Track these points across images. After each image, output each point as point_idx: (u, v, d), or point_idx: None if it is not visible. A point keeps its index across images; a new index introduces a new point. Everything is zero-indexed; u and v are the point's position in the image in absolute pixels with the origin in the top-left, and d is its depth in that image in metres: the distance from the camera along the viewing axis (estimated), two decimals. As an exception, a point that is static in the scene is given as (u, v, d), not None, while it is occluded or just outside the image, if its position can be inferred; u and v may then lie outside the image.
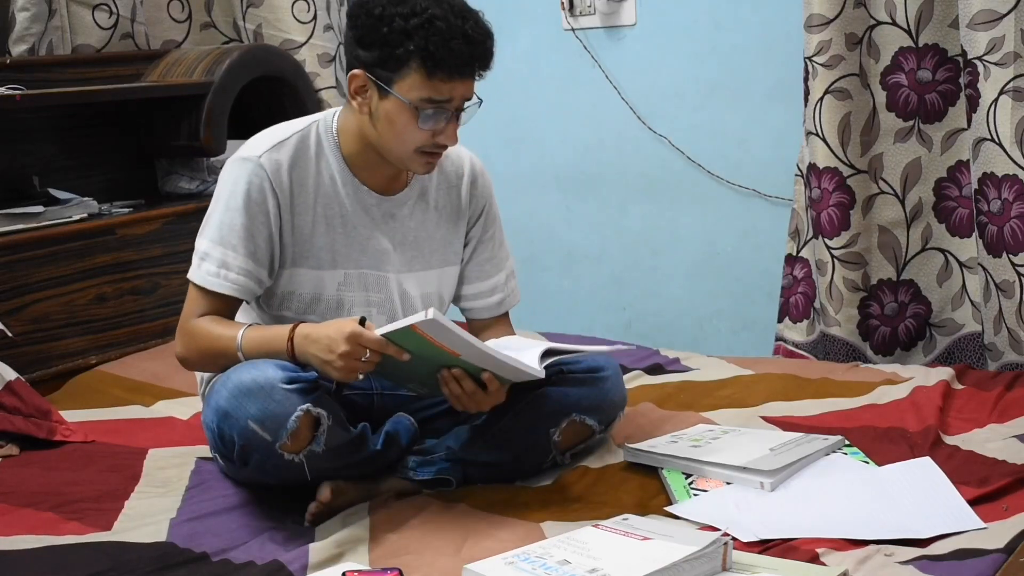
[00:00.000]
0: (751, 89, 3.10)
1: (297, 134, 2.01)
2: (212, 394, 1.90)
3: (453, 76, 1.87)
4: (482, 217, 2.17)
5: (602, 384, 2.06)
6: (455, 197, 2.13)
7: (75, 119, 3.09)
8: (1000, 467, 1.95)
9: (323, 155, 2.02)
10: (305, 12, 3.43)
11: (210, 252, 1.97)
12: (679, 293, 3.32)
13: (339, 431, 1.88)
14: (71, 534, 1.85)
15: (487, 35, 1.91)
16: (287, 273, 2.02)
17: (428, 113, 1.89)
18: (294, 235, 2.00)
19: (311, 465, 1.86)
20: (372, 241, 2.05)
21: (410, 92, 1.88)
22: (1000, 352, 2.61)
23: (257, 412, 1.82)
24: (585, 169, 3.40)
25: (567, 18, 3.30)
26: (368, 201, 2.04)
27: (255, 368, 1.85)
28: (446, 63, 1.85)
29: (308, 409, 1.82)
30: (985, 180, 2.53)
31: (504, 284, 2.20)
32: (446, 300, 2.17)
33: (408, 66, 1.86)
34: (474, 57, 1.88)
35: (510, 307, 2.22)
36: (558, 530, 1.75)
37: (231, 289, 1.97)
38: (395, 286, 2.07)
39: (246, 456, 1.87)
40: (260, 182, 1.96)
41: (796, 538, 1.72)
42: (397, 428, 2.01)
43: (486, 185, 2.17)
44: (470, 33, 1.86)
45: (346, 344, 1.80)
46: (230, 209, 1.96)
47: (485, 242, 2.18)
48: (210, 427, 1.91)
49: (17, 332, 2.61)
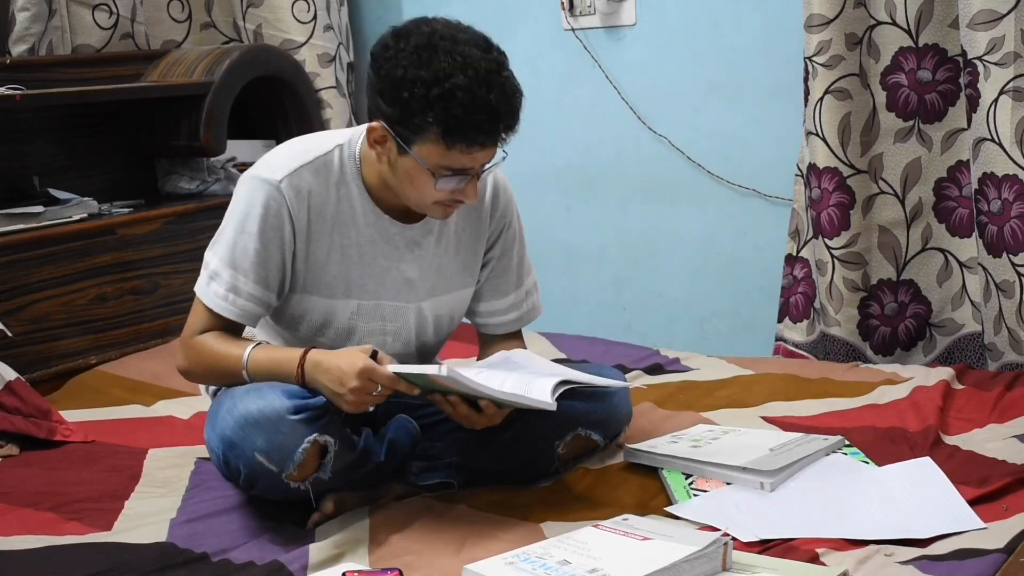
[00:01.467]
0: (751, 89, 3.10)
1: (320, 157, 1.94)
2: (217, 420, 1.87)
3: (473, 148, 1.80)
4: (502, 236, 2.11)
5: (610, 399, 2.04)
6: (475, 219, 2.07)
7: (75, 119, 3.10)
8: (1000, 467, 1.95)
9: (344, 183, 1.95)
10: (305, 12, 3.43)
11: (220, 273, 1.93)
12: (679, 293, 3.31)
13: (345, 453, 1.87)
14: (71, 534, 1.85)
15: (512, 96, 1.81)
16: (297, 298, 1.98)
17: (446, 175, 1.83)
18: (307, 263, 1.96)
19: (316, 488, 1.86)
20: (392, 272, 2.00)
21: (429, 158, 1.81)
22: (1000, 352, 2.61)
23: (264, 444, 1.80)
24: (585, 169, 3.39)
25: (567, 18, 3.30)
26: (391, 231, 1.99)
27: (261, 398, 1.82)
28: (466, 138, 1.78)
29: (315, 439, 1.81)
30: (985, 180, 2.53)
31: (522, 302, 2.15)
32: (457, 319, 2.13)
33: (427, 134, 1.79)
34: (497, 129, 1.80)
35: (526, 323, 2.18)
36: (558, 530, 1.75)
37: (238, 315, 1.93)
38: (414, 316, 2.04)
39: (251, 483, 1.87)
40: (278, 208, 1.90)
41: (796, 538, 1.72)
42: (399, 434, 1.99)
43: (508, 201, 2.11)
44: (494, 104, 1.77)
45: (357, 380, 1.78)
46: (245, 232, 1.91)
47: (503, 261, 2.12)
48: (215, 453, 1.90)
49: (17, 332, 2.61)
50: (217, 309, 1.93)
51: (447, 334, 2.14)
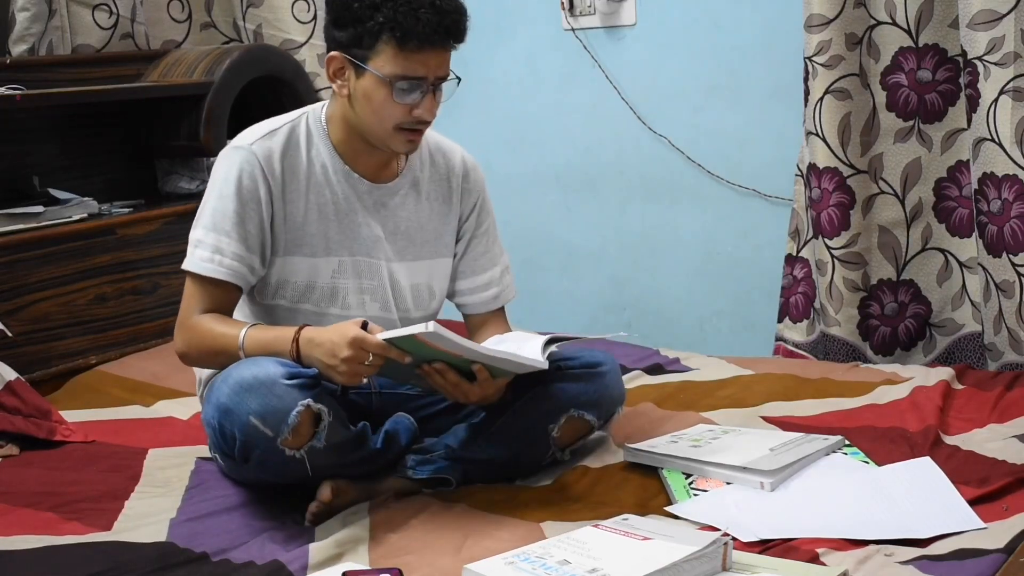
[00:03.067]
0: (751, 89, 3.10)
1: (288, 124, 2.04)
2: (212, 391, 1.91)
3: (424, 46, 1.88)
4: (475, 211, 2.18)
5: (600, 379, 2.06)
6: (446, 190, 2.14)
7: (75, 119, 3.10)
8: (1000, 467, 1.95)
9: (313, 144, 2.04)
10: (305, 12, 3.43)
11: (203, 239, 1.99)
12: (679, 293, 3.32)
13: (340, 428, 1.89)
14: (71, 534, 1.85)
15: (458, 8, 1.92)
16: (280, 261, 2.03)
17: (403, 87, 1.91)
18: (286, 223, 2.01)
19: (312, 461, 1.87)
20: (364, 228, 2.06)
21: (384, 67, 1.90)
22: (1000, 352, 2.61)
23: (258, 407, 1.82)
24: (585, 169, 3.39)
25: (567, 18, 3.30)
26: (360, 188, 2.05)
27: (256, 365, 1.85)
28: (415, 32, 1.87)
29: (309, 404, 1.82)
30: (985, 180, 2.53)
31: (499, 279, 2.20)
32: (437, 293, 2.16)
33: (379, 40, 1.88)
34: (444, 26, 1.89)
35: (506, 301, 2.23)
36: (558, 530, 1.75)
37: (225, 274, 1.97)
38: (386, 274, 2.08)
39: (247, 452, 1.87)
40: (252, 169, 1.98)
41: (796, 538, 1.72)
42: (397, 427, 2.02)
43: (478, 179, 2.18)
44: (438, 3, 1.88)
45: (349, 349, 1.81)
46: (223, 196, 1.98)
47: (479, 237, 2.18)
48: (211, 424, 1.91)
49: (17, 332, 2.61)
50: (203, 271, 1.98)
51: (432, 311, 2.17)
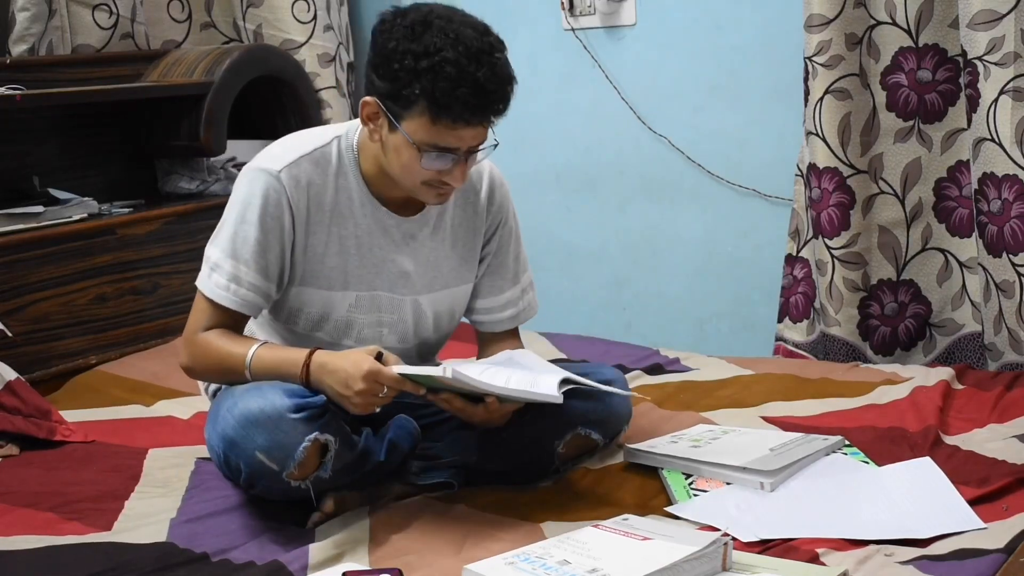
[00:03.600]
0: (751, 89, 3.10)
1: (319, 149, 1.96)
2: (218, 419, 1.87)
3: (458, 124, 1.80)
4: (498, 232, 2.12)
5: (609, 398, 2.03)
6: (471, 214, 2.08)
7: (75, 119, 3.10)
8: (1000, 467, 1.95)
9: (343, 173, 1.96)
10: (305, 12, 3.43)
11: (221, 264, 1.93)
12: (679, 293, 3.31)
13: (345, 452, 1.87)
14: (71, 534, 1.85)
15: (503, 82, 1.81)
16: (295, 291, 1.99)
17: (432, 156, 1.84)
18: (306, 254, 1.96)
19: (317, 487, 1.86)
20: (389, 264, 2.00)
21: (416, 133, 1.82)
22: (1000, 352, 2.61)
23: (265, 443, 1.80)
24: (585, 169, 3.39)
25: (567, 18, 3.30)
26: (387, 222, 1.99)
27: (262, 396, 1.82)
28: (451, 112, 1.78)
29: (315, 438, 1.81)
30: (985, 180, 2.53)
31: (519, 299, 2.15)
32: (457, 316, 2.14)
33: (415, 107, 1.80)
34: (483, 107, 1.80)
35: (523, 322, 2.18)
36: (558, 530, 1.75)
37: (240, 305, 1.93)
38: (410, 308, 2.04)
39: (252, 481, 1.87)
40: (278, 197, 1.91)
41: (796, 538, 1.72)
42: (399, 434, 1.98)
43: (504, 197, 2.12)
44: (482, 81, 1.77)
45: (363, 382, 1.79)
46: (245, 222, 1.92)
47: (500, 257, 2.13)
48: (216, 452, 1.90)
49: (17, 332, 2.61)
50: (219, 300, 1.93)
51: (448, 331, 2.15)
